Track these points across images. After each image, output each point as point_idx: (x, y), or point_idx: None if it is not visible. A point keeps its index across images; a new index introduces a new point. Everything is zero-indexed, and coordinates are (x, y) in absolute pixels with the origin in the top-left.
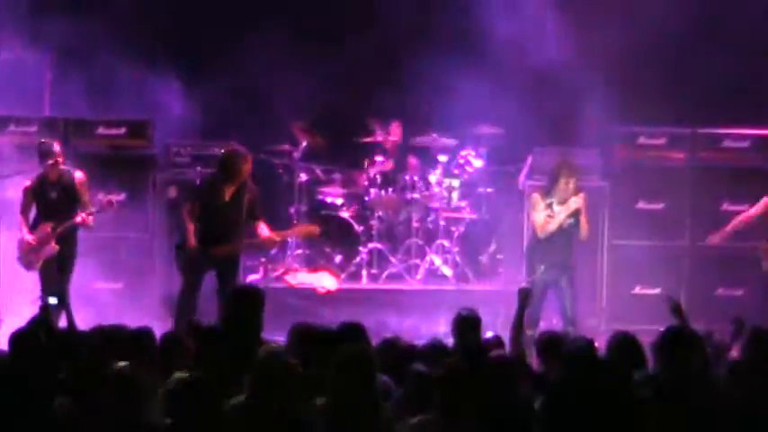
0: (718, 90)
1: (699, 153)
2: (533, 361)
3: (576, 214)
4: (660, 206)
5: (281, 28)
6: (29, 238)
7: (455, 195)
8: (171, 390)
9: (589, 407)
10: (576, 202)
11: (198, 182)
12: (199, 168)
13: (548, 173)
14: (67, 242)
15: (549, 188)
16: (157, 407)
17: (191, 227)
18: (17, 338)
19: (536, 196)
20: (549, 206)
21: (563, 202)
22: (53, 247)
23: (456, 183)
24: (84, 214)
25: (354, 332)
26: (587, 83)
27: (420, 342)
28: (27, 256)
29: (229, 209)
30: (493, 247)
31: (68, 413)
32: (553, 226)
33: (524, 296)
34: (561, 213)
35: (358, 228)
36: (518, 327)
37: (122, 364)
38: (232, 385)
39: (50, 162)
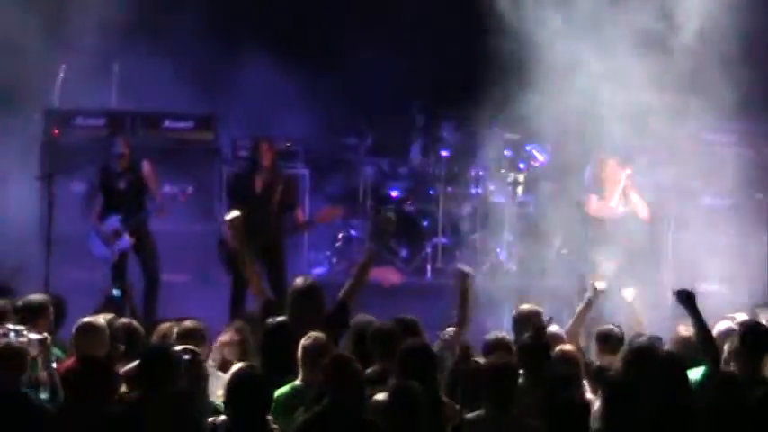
0: None
1: None
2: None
3: (628, 198)
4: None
5: (364, 22)
6: (106, 229)
7: (520, 190)
8: (230, 380)
9: (648, 402)
10: (623, 177)
11: (234, 177)
12: None
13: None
14: (142, 232)
15: (598, 185)
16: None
17: None
18: (83, 328)
19: (588, 196)
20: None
21: (613, 187)
22: (128, 239)
23: (521, 177)
24: (158, 205)
25: (410, 327)
26: None
27: (484, 337)
28: (108, 247)
29: (262, 200)
30: (557, 242)
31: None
32: (614, 203)
33: (582, 287)
34: (615, 194)
35: (423, 222)
36: (579, 322)
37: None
38: (290, 377)
39: (117, 153)
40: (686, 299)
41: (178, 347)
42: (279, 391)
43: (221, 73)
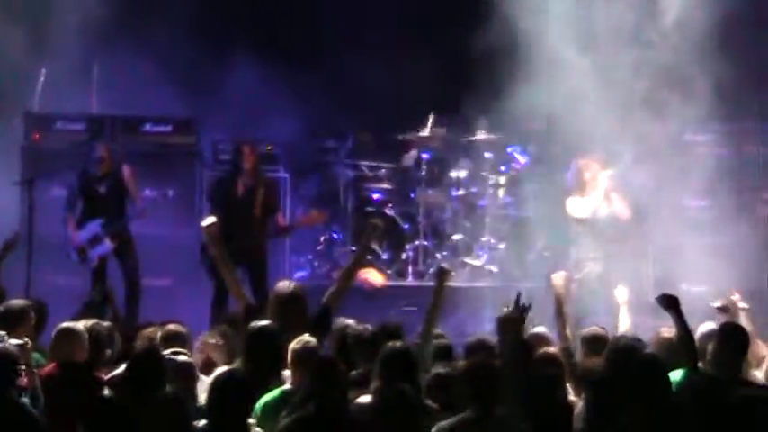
0: None
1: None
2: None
3: (610, 199)
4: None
5: (344, 26)
6: (79, 238)
7: (501, 192)
8: (212, 384)
9: (629, 402)
10: (605, 178)
11: (216, 181)
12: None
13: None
14: (123, 236)
15: (580, 187)
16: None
17: None
18: (62, 333)
19: (570, 199)
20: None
21: (595, 188)
22: (108, 244)
23: (502, 179)
24: (139, 209)
25: (393, 331)
26: None
27: (466, 339)
28: (82, 252)
29: (244, 203)
30: (539, 244)
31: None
32: (595, 204)
33: (557, 287)
34: (597, 195)
35: (404, 225)
36: (561, 321)
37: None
38: (273, 381)
39: (97, 157)
40: (669, 304)
41: (166, 351)
42: (269, 396)
43: (202, 76)
